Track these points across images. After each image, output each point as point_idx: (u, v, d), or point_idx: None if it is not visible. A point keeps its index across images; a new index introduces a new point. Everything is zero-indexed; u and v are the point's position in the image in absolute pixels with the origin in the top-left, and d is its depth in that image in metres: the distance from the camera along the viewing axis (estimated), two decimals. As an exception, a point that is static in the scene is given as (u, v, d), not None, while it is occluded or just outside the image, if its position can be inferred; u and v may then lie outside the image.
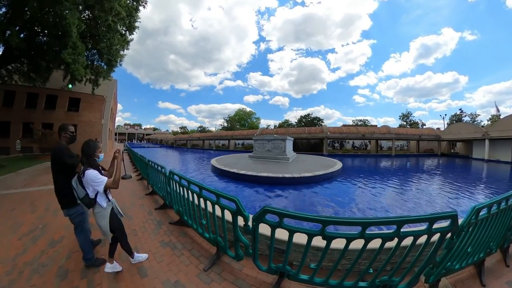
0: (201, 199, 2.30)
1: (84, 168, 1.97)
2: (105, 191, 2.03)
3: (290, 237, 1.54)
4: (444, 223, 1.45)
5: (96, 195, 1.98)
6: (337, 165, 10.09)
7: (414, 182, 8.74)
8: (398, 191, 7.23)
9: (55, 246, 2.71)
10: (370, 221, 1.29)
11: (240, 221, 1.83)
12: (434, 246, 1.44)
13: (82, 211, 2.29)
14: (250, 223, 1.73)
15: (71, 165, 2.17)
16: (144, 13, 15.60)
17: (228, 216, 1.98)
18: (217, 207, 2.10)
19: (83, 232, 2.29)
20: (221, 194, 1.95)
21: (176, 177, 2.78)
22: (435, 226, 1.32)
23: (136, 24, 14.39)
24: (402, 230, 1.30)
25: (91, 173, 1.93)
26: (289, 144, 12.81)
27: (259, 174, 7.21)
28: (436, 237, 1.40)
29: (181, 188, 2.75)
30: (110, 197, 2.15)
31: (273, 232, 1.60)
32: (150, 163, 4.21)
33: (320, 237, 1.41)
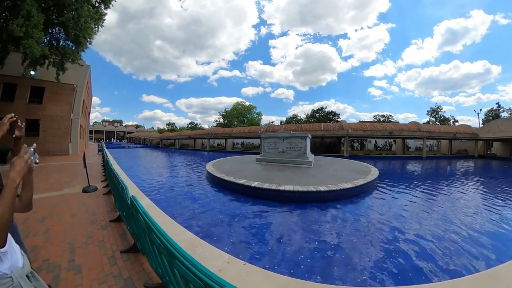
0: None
1: None
2: None
3: None
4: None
5: None
6: (373, 170, 8.96)
7: (485, 193, 7.58)
8: (482, 206, 6.07)
9: None
10: None
11: None
12: None
13: None
14: None
15: None
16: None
17: None
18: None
19: None
20: None
21: (141, 218, 1.54)
22: None
23: (113, -6, 13.21)
24: None
25: None
26: (309, 144, 11.58)
27: (281, 188, 5.91)
28: None
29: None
30: (7, 258, 1.01)
31: None
32: (113, 173, 2.93)
33: None
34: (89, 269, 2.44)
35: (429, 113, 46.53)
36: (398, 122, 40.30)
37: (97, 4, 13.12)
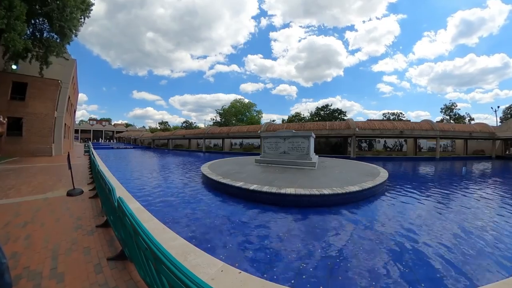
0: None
1: None
2: None
3: None
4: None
5: None
6: (382, 172, 8.98)
7: (505, 198, 7.56)
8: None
9: None
10: None
11: None
12: None
13: None
14: None
15: None
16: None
17: None
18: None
19: None
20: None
21: (127, 220, 1.55)
22: None
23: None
24: None
25: None
26: (313, 144, 11.63)
27: (282, 191, 5.95)
28: None
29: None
30: None
31: None
32: (100, 174, 2.95)
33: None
34: (73, 277, 2.44)
35: (443, 110, 46.56)
36: (410, 120, 40.51)
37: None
